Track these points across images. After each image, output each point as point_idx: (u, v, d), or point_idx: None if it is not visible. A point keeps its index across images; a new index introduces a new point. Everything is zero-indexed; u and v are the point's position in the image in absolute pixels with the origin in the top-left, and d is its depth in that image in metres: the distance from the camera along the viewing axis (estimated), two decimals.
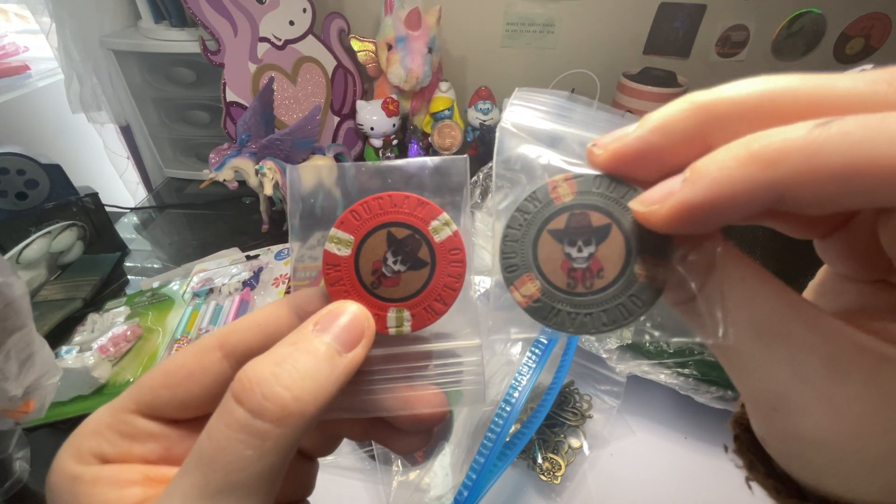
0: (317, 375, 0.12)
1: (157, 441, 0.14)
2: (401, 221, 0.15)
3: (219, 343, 0.14)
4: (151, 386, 0.14)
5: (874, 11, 0.82)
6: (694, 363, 0.36)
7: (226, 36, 0.65)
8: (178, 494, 0.11)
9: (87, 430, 0.13)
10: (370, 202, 0.15)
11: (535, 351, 0.33)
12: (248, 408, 0.11)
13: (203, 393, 0.14)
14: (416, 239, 0.15)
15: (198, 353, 0.14)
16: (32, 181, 0.61)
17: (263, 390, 0.12)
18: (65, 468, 0.13)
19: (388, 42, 0.76)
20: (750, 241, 0.52)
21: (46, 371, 0.32)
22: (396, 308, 0.15)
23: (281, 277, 0.51)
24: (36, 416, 0.32)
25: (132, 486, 0.13)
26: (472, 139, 0.87)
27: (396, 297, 0.15)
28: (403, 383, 0.15)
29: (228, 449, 0.11)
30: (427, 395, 0.15)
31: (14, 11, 0.89)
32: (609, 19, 0.85)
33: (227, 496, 0.11)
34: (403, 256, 0.15)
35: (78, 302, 0.53)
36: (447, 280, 0.15)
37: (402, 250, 0.15)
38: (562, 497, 0.36)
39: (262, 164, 0.59)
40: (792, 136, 0.09)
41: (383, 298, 0.15)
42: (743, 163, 0.10)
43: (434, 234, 0.15)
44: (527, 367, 0.32)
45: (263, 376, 0.12)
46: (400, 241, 0.15)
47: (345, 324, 0.13)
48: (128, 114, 0.81)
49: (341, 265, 0.15)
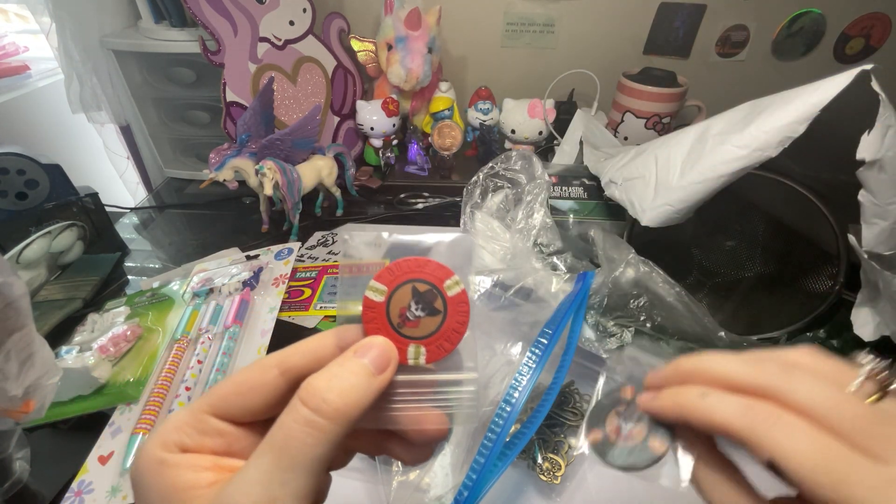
0: (358, 388, 0.17)
1: (224, 437, 0.17)
2: (423, 279, 0.20)
3: (278, 363, 0.18)
4: (224, 394, 0.18)
5: (874, 11, 0.82)
6: None
7: (226, 36, 0.65)
8: (255, 470, 0.15)
9: (171, 425, 0.17)
10: (401, 263, 0.20)
11: (536, 351, 0.33)
12: (310, 407, 0.16)
13: (263, 402, 0.18)
14: (434, 293, 0.19)
15: (261, 370, 0.18)
16: (32, 181, 0.61)
17: (322, 395, 0.16)
18: (153, 454, 0.16)
19: (388, 42, 0.76)
20: (750, 241, 0.52)
21: (46, 371, 0.32)
22: (415, 344, 0.19)
23: (281, 277, 0.51)
24: (36, 416, 0.32)
25: (205, 471, 0.16)
26: (472, 139, 0.87)
27: (416, 335, 0.19)
28: (415, 404, 0.19)
29: (295, 437, 0.15)
30: (433, 414, 0.19)
31: (14, 11, 0.89)
32: (609, 19, 0.85)
33: (291, 472, 0.15)
34: (423, 305, 0.19)
35: (78, 302, 0.53)
36: (455, 325, 0.19)
37: (423, 301, 0.19)
38: (562, 497, 0.36)
39: (262, 164, 0.59)
40: (690, 395, 0.19)
41: (406, 336, 0.19)
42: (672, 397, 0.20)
43: (447, 290, 0.20)
44: (527, 367, 0.32)
45: (322, 386, 0.16)
46: (421, 293, 0.19)
47: (377, 353, 0.18)
48: (128, 114, 0.81)
49: (376, 308, 0.19)
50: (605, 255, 0.44)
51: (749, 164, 0.36)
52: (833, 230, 0.42)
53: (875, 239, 0.33)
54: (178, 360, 0.43)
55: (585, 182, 0.57)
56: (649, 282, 0.40)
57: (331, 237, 0.65)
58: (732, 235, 0.53)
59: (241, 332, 0.45)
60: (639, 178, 0.45)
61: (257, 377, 0.18)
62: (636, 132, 0.76)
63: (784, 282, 0.49)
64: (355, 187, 0.75)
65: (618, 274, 0.41)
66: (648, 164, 0.44)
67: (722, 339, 0.38)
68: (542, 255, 0.46)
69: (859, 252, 0.34)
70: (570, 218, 0.54)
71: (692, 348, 0.37)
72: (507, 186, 0.53)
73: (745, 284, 0.52)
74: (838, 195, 0.40)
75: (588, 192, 0.56)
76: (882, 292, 0.35)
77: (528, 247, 0.46)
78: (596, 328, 0.40)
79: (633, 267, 0.41)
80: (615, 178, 0.49)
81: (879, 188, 0.32)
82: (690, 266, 0.55)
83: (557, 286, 0.41)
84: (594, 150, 0.63)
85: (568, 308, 0.36)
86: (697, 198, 0.39)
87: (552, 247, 0.47)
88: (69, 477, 0.36)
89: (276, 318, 0.46)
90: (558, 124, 0.80)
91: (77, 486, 0.35)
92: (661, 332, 0.39)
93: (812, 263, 0.46)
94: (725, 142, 0.38)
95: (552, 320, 0.35)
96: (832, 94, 0.32)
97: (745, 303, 0.50)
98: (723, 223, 0.53)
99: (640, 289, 0.40)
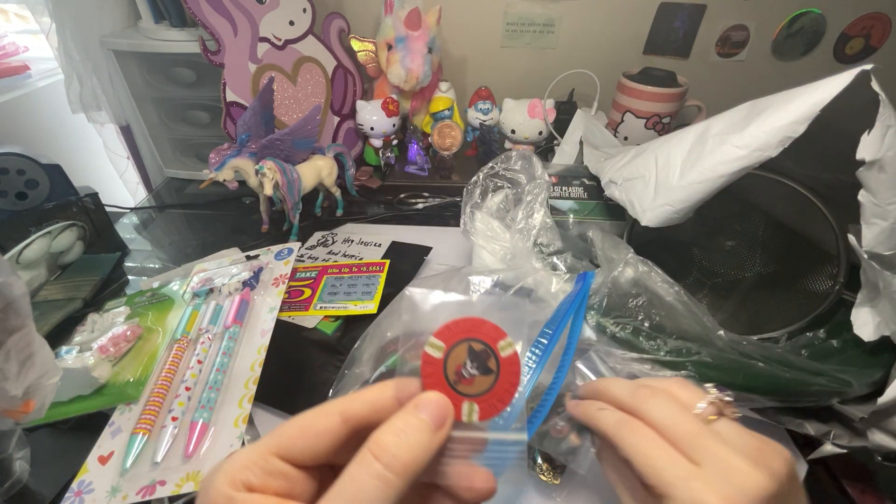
0: (422, 444, 0.18)
1: (287, 480, 0.18)
2: (479, 338, 0.20)
3: (340, 411, 0.19)
4: (290, 436, 0.18)
5: (874, 11, 0.82)
6: (691, 363, 0.36)
7: (226, 36, 0.65)
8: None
9: (238, 463, 0.18)
10: (459, 322, 0.20)
11: (535, 351, 0.33)
12: (382, 463, 0.17)
13: (325, 447, 0.18)
14: (488, 353, 0.20)
15: (325, 415, 0.19)
16: (32, 181, 0.61)
17: (392, 451, 0.17)
18: (221, 490, 0.17)
19: (388, 42, 0.76)
20: (750, 241, 0.52)
21: (46, 371, 0.32)
22: (469, 402, 0.20)
23: (281, 277, 0.51)
24: (36, 416, 0.32)
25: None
26: (472, 139, 0.87)
27: (470, 393, 0.20)
28: (466, 460, 0.20)
29: (366, 490, 0.16)
30: (481, 472, 0.20)
31: (14, 11, 0.89)
32: (609, 19, 0.85)
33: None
34: (478, 364, 0.20)
35: (78, 302, 0.53)
36: (507, 386, 0.20)
37: (478, 360, 0.20)
38: (562, 497, 0.36)
39: (262, 164, 0.59)
40: (593, 408, 0.26)
41: (461, 393, 0.20)
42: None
43: (501, 351, 0.20)
44: (527, 368, 0.32)
45: (390, 442, 0.17)
46: (477, 352, 0.20)
47: (436, 409, 0.19)
48: (128, 114, 0.81)
49: (434, 364, 0.20)
50: (604, 256, 0.44)
51: (749, 164, 0.36)
52: (833, 230, 0.42)
53: (875, 239, 0.33)
54: (178, 360, 0.43)
55: (585, 182, 0.57)
56: (648, 281, 0.40)
57: (331, 237, 0.65)
58: (732, 235, 0.53)
59: (241, 332, 0.45)
60: (639, 178, 0.45)
61: (322, 422, 0.19)
62: (636, 132, 0.76)
63: (784, 282, 0.49)
64: (355, 187, 0.75)
65: (617, 274, 0.41)
66: (648, 164, 0.44)
67: (721, 339, 0.38)
68: (542, 255, 0.46)
69: (859, 252, 0.34)
70: (570, 218, 0.54)
71: (691, 348, 0.37)
72: (507, 186, 0.53)
73: (745, 284, 0.51)
74: (838, 195, 0.40)
75: (588, 192, 0.56)
76: (882, 292, 0.34)
77: (527, 247, 0.46)
78: (597, 329, 0.40)
79: (632, 266, 0.41)
80: (615, 178, 0.49)
81: (879, 188, 0.32)
82: (690, 266, 0.55)
83: (557, 286, 0.41)
84: (594, 150, 0.63)
85: (568, 308, 0.36)
86: (697, 198, 0.39)
87: (552, 247, 0.47)
88: (69, 477, 0.36)
89: (276, 318, 0.46)
90: (558, 124, 0.80)
91: (77, 486, 0.35)
92: (660, 331, 0.39)
93: (812, 263, 0.46)
94: (725, 142, 0.38)
95: (552, 320, 0.35)
96: (832, 94, 0.32)
97: (745, 303, 0.50)
98: (723, 223, 0.53)
99: (640, 288, 0.40)
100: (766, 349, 0.37)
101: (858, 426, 0.35)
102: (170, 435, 0.37)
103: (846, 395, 0.36)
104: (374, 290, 0.52)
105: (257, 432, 0.40)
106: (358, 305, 0.50)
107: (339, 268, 0.56)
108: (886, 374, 0.35)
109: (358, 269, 0.55)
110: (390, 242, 0.62)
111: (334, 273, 0.56)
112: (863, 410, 0.35)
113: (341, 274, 0.55)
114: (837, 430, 0.37)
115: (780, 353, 0.37)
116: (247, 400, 0.39)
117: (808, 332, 0.41)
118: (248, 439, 0.38)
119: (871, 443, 0.34)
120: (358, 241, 0.63)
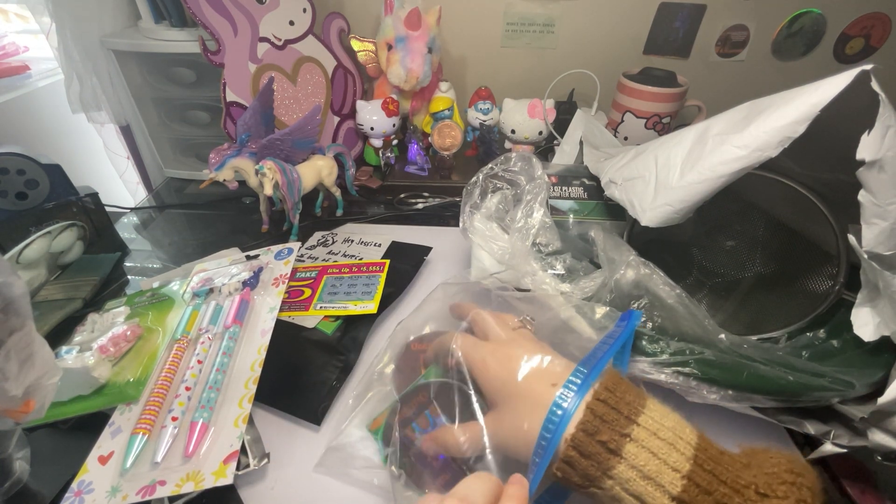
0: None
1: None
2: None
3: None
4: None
5: (874, 11, 0.82)
6: (694, 362, 0.36)
7: (226, 36, 0.65)
8: None
9: None
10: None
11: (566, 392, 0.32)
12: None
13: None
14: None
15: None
16: (32, 181, 0.61)
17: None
18: None
19: (388, 42, 0.76)
20: (750, 241, 0.52)
21: (46, 371, 0.32)
22: None
23: (281, 277, 0.51)
24: (36, 416, 0.32)
25: None
26: (472, 139, 0.87)
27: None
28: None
29: None
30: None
31: (14, 11, 0.89)
32: (609, 19, 0.85)
33: None
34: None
35: (78, 302, 0.53)
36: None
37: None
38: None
39: (262, 164, 0.59)
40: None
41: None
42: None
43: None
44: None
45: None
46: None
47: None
48: (128, 114, 0.81)
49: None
50: (605, 256, 0.44)
51: (749, 165, 0.36)
52: (833, 230, 0.42)
53: (875, 239, 0.33)
54: (178, 360, 0.43)
55: (585, 182, 0.57)
56: (650, 283, 0.40)
57: (331, 237, 0.65)
58: (732, 235, 0.53)
59: (241, 332, 0.45)
60: (639, 178, 0.45)
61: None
62: (636, 132, 0.76)
63: (784, 282, 0.48)
64: (355, 187, 0.75)
65: (618, 276, 0.41)
66: (648, 164, 0.44)
67: (722, 342, 0.38)
68: (540, 255, 0.46)
69: (859, 252, 0.34)
70: (570, 218, 0.54)
71: (691, 349, 0.37)
72: (506, 188, 0.53)
73: (745, 284, 0.51)
74: (838, 195, 0.40)
75: (588, 192, 0.56)
76: (882, 292, 0.34)
77: (526, 247, 0.46)
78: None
79: (634, 268, 0.41)
80: (615, 178, 0.49)
81: (879, 188, 0.32)
82: (690, 266, 0.55)
83: (601, 314, 0.39)
84: (594, 150, 0.63)
85: (608, 350, 0.32)
86: (697, 198, 0.39)
87: (551, 247, 0.47)
88: (69, 477, 0.36)
89: (276, 318, 0.46)
90: (558, 124, 0.80)
91: (77, 486, 0.35)
92: (661, 333, 0.39)
93: (812, 263, 0.46)
94: (725, 142, 0.38)
95: (587, 359, 0.31)
96: (832, 94, 0.32)
97: (745, 303, 0.50)
98: (723, 223, 0.53)
99: (641, 290, 0.40)
100: (767, 352, 0.37)
101: (858, 426, 0.35)
102: (170, 435, 0.37)
103: (848, 396, 0.36)
104: (374, 290, 0.52)
105: (257, 432, 0.40)
106: (358, 305, 0.50)
107: (339, 268, 0.56)
108: (887, 375, 0.35)
109: (358, 269, 0.55)
110: (390, 242, 0.62)
111: (334, 273, 0.56)
112: (863, 410, 0.35)
113: (341, 274, 0.55)
114: (837, 430, 0.37)
115: (781, 355, 0.37)
116: (247, 400, 0.39)
117: (808, 333, 0.41)
118: (247, 439, 0.38)
119: (871, 442, 0.34)
120: (358, 241, 0.63)
